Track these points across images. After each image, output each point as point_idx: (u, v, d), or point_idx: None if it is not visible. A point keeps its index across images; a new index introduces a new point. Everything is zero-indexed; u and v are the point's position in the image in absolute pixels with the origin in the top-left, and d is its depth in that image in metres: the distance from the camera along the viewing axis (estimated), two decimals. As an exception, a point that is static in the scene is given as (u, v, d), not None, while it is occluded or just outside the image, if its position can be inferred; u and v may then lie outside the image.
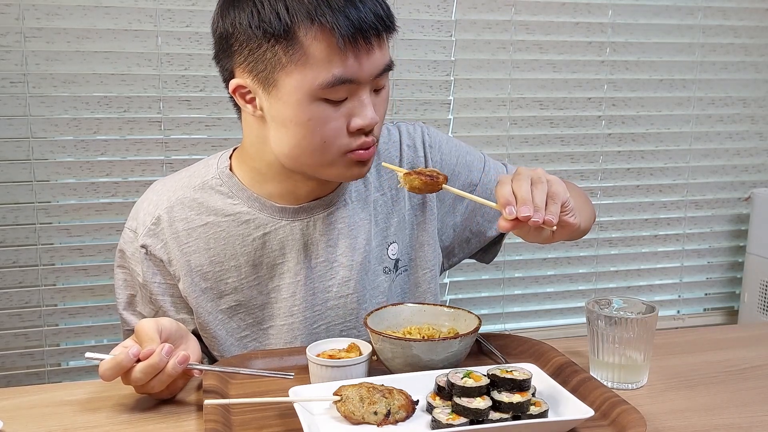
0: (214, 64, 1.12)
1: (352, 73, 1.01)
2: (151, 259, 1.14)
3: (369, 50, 1.02)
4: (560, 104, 2.33)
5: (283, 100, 1.03)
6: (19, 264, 1.94)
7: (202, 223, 1.15)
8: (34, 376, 1.99)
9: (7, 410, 0.98)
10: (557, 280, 2.43)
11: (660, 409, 0.98)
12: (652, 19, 2.36)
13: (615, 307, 1.08)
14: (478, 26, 2.20)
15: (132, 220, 1.17)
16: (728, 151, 2.52)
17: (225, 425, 0.89)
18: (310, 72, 1.00)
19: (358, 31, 0.99)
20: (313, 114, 1.03)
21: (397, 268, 1.24)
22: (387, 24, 1.04)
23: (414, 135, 1.27)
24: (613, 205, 2.45)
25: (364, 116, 1.04)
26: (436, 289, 1.28)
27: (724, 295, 2.63)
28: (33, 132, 1.90)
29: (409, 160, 1.25)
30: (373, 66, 1.03)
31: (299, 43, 0.99)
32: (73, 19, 1.88)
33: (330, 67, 1.00)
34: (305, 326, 1.18)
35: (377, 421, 0.88)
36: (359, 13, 1.00)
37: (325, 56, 1.00)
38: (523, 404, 0.88)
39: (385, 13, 1.04)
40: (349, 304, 1.19)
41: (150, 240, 1.14)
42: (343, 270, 1.18)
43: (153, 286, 1.15)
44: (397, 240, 1.24)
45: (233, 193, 1.15)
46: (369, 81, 1.04)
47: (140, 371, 0.93)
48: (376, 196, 1.22)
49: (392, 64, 1.08)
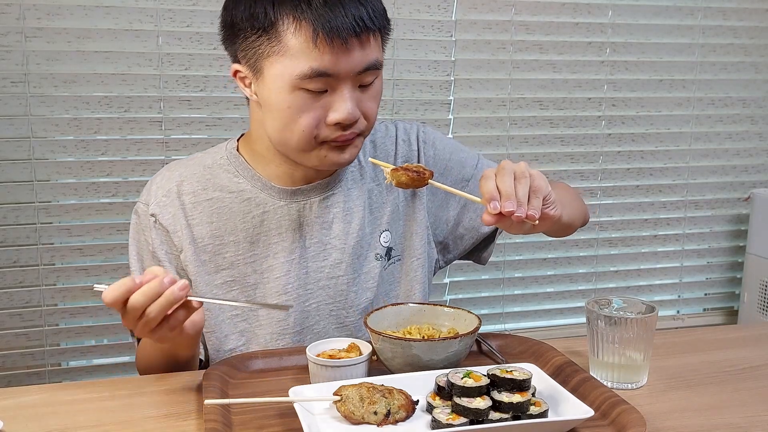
0: (214, 64, 1.15)
1: (329, 68, 1.07)
2: (159, 228, 1.21)
3: (347, 48, 1.06)
4: (560, 104, 2.33)
5: (268, 86, 1.11)
6: (20, 264, 1.94)
7: (207, 198, 1.22)
8: (34, 376, 1.99)
9: (7, 410, 0.98)
10: (557, 280, 2.44)
11: (660, 409, 0.98)
12: (652, 20, 2.36)
13: (615, 307, 1.08)
14: (478, 26, 2.20)
15: (145, 194, 1.24)
16: (728, 151, 2.52)
17: (225, 425, 0.89)
18: (290, 63, 1.07)
19: (334, 30, 1.05)
20: (293, 102, 1.09)
21: (390, 257, 1.29)
22: (367, 25, 1.07)
23: (409, 131, 1.34)
24: (613, 205, 2.45)
25: (341, 110, 1.09)
26: (424, 278, 1.32)
27: (723, 295, 2.63)
28: (34, 132, 1.90)
29: (403, 154, 1.32)
30: (352, 63, 1.08)
31: (280, 35, 1.07)
32: (74, 19, 1.88)
33: (307, 60, 1.06)
34: (298, 303, 1.22)
35: (377, 421, 0.88)
36: (337, 12, 1.05)
37: (303, 49, 1.06)
38: (523, 404, 0.88)
39: (369, 14, 1.08)
40: (339, 285, 1.24)
41: (159, 210, 1.21)
42: (335, 252, 1.24)
43: (161, 254, 1.21)
44: (390, 228, 1.29)
45: (238, 172, 1.23)
46: (349, 77, 1.09)
47: (141, 293, 0.95)
48: (371, 186, 1.28)
49: (379, 62, 1.12)
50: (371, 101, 1.14)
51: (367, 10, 1.08)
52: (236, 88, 1.99)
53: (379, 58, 1.12)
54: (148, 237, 1.21)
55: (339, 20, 1.05)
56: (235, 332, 1.22)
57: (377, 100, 1.16)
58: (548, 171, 2.34)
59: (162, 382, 1.08)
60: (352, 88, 1.10)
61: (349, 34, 1.05)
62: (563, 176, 2.36)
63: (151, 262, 1.21)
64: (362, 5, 1.08)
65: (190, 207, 1.21)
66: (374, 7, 1.10)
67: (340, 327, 1.25)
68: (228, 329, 1.22)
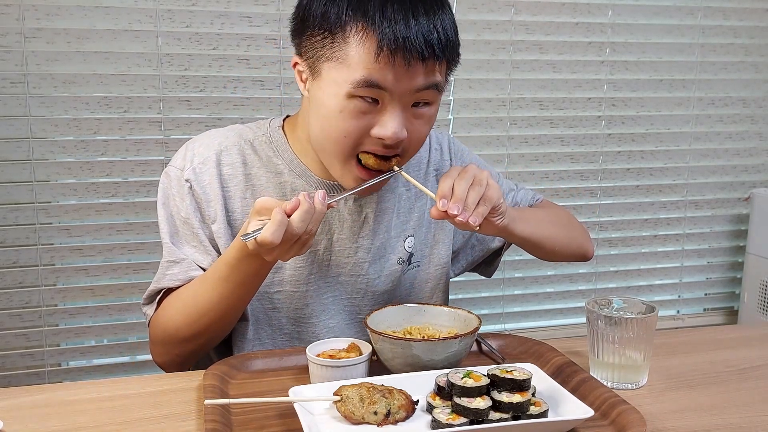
0: (214, 65, 1.13)
1: (385, 83, 1.04)
2: (193, 194, 1.19)
3: (408, 69, 1.04)
4: (560, 104, 2.33)
5: (323, 89, 1.09)
6: (20, 264, 1.94)
7: (245, 173, 1.21)
8: (34, 376, 1.99)
9: (7, 410, 0.98)
10: (557, 280, 2.43)
11: (660, 409, 0.98)
12: (652, 19, 2.36)
13: (615, 307, 1.08)
14: (478, 26, 2.20)
15: (179, 158, 1.22)
16: (728, 151, 2.52)
17: (225, 425, 0.89)
18: (347, 71, 1.05)
19: (400, 49, 1.02)
20: (345, 107, 1.07)
21: (411, 262, 1.30)
22: (435, 53, 1.05)
23: (441, 141, 1.36)
24: (613, 205, 2.45)
25: (388, 127, 1.07)
26: (445, 287, 1.34)
27: (724, 295, 2.63)
28: (33, 132, 1.90)
29: (435, 162, 1.34)
30: (410, 84, 1.05)
31: (346, 41, 1.04)
32: (73, 20, 1.88)
33: (365, 69, 1.04)
34: (316, 295, 1.23)
35: (377, 421, 0.88)
36: (408, 32, 1.02)
37: (363, 59, 1.03)
38: (523, 404, 0.88)
39: (440, 40, 1.05)
40: (359, 284, 1.25)
41: (195, 177, 1.19)
42: (361, 251, 1.24)
43: (194, 221, 1.19)
44: (415, 234, 1.30)
45: (279, 153, 1.22)
46: (404, 95, 1.06)
47: (299, 219, 0.99)
48: (401, 191, 1.29)
49: (440, 85, 1.09)
50: (423, 125, 1.12)
51: (439, 36, 1.05)
52: (236, 88, 2.01)
53: (440, 83, 1.09)
54: (180, 203, 1.19)
55: (408, 39, 1.02)
56: (249, 310, 1.21)
57: (429, 125, 1.13)
58: (548, 171, 2.35)
59: (162, 382, 1.08)
60: (405, 107, 1.08)
61: (414, 56, 1.03)
62: (563, 176, 2.36)
63: (183, 227, 1.19)
64: (435, 28, 1.05)
65: (227, 178, 1.20)
66: (447, 35, 1.07)
67: (351, 323, 1.26)
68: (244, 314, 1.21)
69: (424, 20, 1.04)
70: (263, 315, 1.23)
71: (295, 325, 1.24)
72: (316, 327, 1.23)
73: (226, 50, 1.99)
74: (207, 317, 1.12)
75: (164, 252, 1.20)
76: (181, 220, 1.19)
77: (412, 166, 1.30)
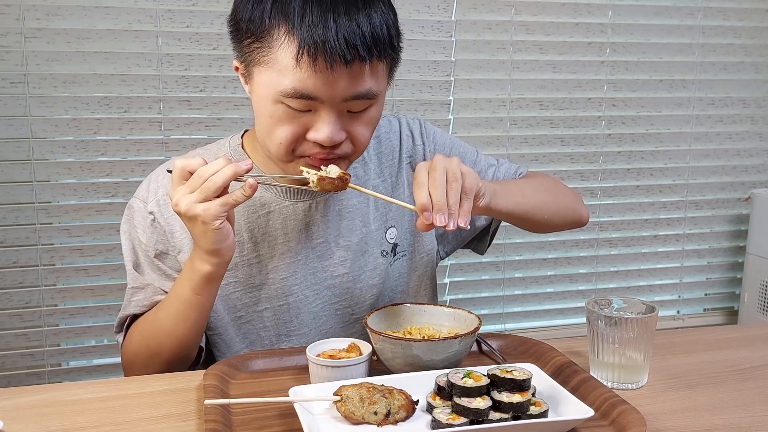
0: (214, 65, 1.13)
1: (311, 91, 1.01)
2: (156, 226, 1.18)
3: (332, 73, 0.99)
4: (560, 104, 2.33)
5: (255, 92, 1.07)
6: (20, 264, 1.94)
7: None
8: (34, 376, 1.99)
9: (7, 410, 0.98)
10: (557, 280, 2.44)
11: (660, 409, 0.98)
12: (652, 20, 2.36)
13: (615, 307, 1.08)
14: (478, 26, 2.20)
15: (143, 190, 1.21)
16: (728, 152, 2.52)
17: (225, 425, 0.89)
18: (275, 76, 1.02)
19: (320, 52, 0.98)
20: (274, 113, 1.05)
21: (396, 253, 1.28)
22: (360, 54, 0.99)
23: (413, 126, 1.32)
24: (613, 205, 2.45)
25: (321, 132, 1.04)
26: (433, 273, 1.32)
27: (724, 295, 2.63)
28: (33, 132, 1.90)
29: (408, 149, 1.30)
30: (337, 90, 1.01)
31: (272, 46, 1.02)
32: (73, 20, 1.88)
33: (290, 77, 1.00)
34: (304, 305, 1.21)
35: (377, 421, 0.88)
36: (327, 34, 0.97)
37: (287, 64, 1.00)
38: (523, 404, 0.88)
39: (366, 40, 0.99)
40: (344, 284, 1.23)
41: (158, 209, 1.18)
42: (340, 250, 1.22)
43: (158, 254, 1.18)
44: (396, 225, 1.27)
45: None
46: (334, 102, 1.02)
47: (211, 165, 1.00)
48: (376, 182, 1.26)
49: (371, 92, 1.04)
50: (362, 126, 1.08)
51: (363, 36, 0.99)
52: (236, 88, 2.01)
53: (372, 88, 1.03)
54: (141, 235, 1.18)
55: (328, 42, 0.97)
56: (240, 334, 1.21)
57: (371, 126, 1.09)
58: (548, 171, 2.34)
59: (162, 382, 1.08)
60: (338, 112, 1.04)
61: (336, 59, 0.98)
62: (563, 176, 2.36)
63: (145, 259, 1.18)
64: (360, 28, 0.99)
65: None
66: (377, 33, 1.00)
67: (345, 326, 1.25)
68: (233, 332, 1.21)
69: (345, 20, 0.98)
70: (255, 336, 1.22)
71: (288, 338, 1.22)
72: (308, 336, 1.22)
73: (226, 50, 1.98)
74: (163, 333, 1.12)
75: (128, 279, 1.19)
76: (143, 252, 1.18)
77: (385, 156, 1.27)
